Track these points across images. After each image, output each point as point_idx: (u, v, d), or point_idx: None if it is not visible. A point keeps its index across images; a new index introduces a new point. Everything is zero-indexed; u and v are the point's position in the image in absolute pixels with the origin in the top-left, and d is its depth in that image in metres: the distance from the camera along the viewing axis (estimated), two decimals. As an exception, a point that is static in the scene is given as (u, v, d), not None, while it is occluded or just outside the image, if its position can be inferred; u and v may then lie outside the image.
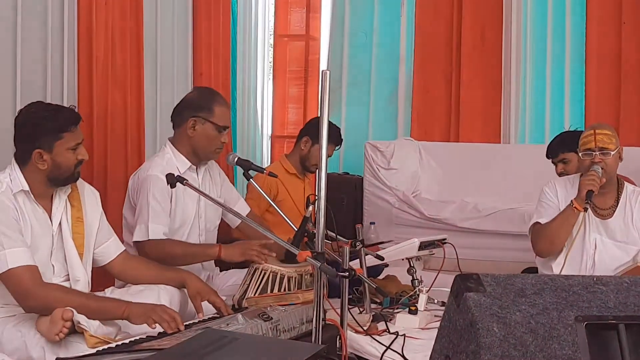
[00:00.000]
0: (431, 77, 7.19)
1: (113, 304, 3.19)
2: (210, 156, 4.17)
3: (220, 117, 4.07)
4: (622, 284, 2.13)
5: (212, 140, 4.07)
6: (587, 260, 4.02)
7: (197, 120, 4.05)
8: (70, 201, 3.35)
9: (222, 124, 4.08)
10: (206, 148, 4.08)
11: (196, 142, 4.07)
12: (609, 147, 3.94)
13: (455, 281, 2.10)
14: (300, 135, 5.24)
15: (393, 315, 3.70)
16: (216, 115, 4.06)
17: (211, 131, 4.05)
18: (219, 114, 4.07)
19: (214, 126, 4.05)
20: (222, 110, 4.10)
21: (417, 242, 3.98)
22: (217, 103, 4.10)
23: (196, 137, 4.06)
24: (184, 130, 4.07)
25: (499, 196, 6.23)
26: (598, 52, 6.64)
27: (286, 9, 7.67)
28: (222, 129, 4.07)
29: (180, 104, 4.18)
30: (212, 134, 4.06)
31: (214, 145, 4.08)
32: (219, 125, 4.06)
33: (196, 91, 4.28)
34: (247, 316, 2.99)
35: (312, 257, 2.80)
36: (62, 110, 3.29)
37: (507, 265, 5.40)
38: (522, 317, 2.01)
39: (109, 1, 4.96)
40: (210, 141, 4.07)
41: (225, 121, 4.11)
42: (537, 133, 6.82)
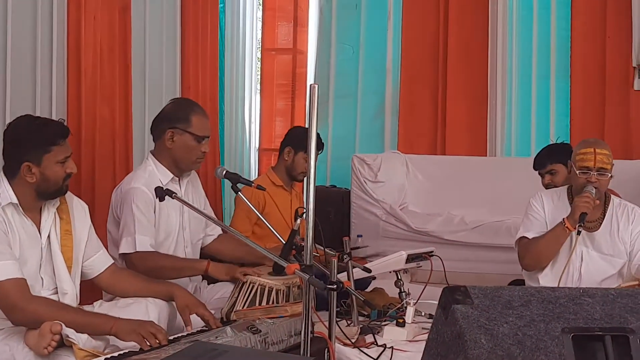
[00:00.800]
0: (418, 90, 7.23)
1: (101, 319, 3.18)
2: (192, 166, 4.15)
3: (198, 127, 4.05)
4: (608, 295, 2.16)
5: (192, 150, 4.05)
6: (574, 272, 4.03)
7: (174, 131, 4.03)
8: (59, 214, 3.35)
9: (201, 133, 4.05)
10: (186, 159, 4.07)
11: (176, 154, 4.05)
12: (607, 168, 3.92)
13: (443, 293, 2.11)
14: (282, 146, 5.25)
15: (381, 327, 3.71)
16: (194, 125, 4.04)
17: (190, 142, 4.03)
18: (196, 123, 4.04)
19: (192, 136, 4.03)
20: (199, 119, 4.07)
21: (405, 254, 3.99)
22: (194, 113, 4.08)
23: (175, 148, 4.04)
24: (163, 142, 4.06)
25: (485, 209, 6.26)
26: (583, 66, 6.70)
27: (273, 23, 7.70)
28: (201, 139, 4.05)
29: (158, 116, 4.16)
30: (191, 144, 4.04)
31: (194, 155, 4.06)
32: (198, 135, 4.03)
33: (173, 103, 4.24)
34: (235, 329, 3.00)
35: (301, 270, 2.80)
36: (50, 123, 3.30)
37: (494, 277, 5.41)
38: (510, 329, 2.03)
39: (98, 15, 4.97)
40: (190, 151, 4.05)
41: (204, 131, 4.08)
42: (522, 146, 6.87)
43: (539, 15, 6.82)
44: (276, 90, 7.73)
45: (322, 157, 7.34)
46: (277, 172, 5.20)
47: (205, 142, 4.07)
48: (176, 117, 4.05)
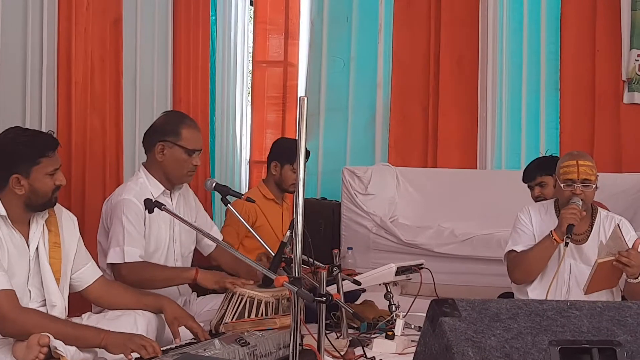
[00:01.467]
0: (408, 103, 7.25)
1: (91, 332, 3.17)
2: (183, 179, 4.14)
3: (189, 140, 4.03)
4: (595, 308, 2.16)
5: (182, 163, 4.03)
6: (562, 285, 4.05)
7: (165, 144, 4.02)
8: (48, 226, 3.34)
9: (191, 147, 4.03)
10: (177, 172, 4.06)
11: (166, 167, 4.04)
12: (591, 179, 3.95)
13: (431, 306, 2.12)
14: (269, 160, 5.26)
15: (370, 340, 3.72)
16: (184, 138, 4.02)
17: (180, 155, 4.02)
18: (186, 137, 4.03)
19: (182, 150, 4.02)
20: (190, 133, 4.05)
21: (394, 267, 4.00)
22: (185, 126, 4.06)
23: (165, 161, 4.04)
24: (153, 155, 4.06)
25: (475, 222, 6.27)
26: (572, 80, 6.74)
27: (264, 36, 7.71)
28: (192, 152, 4.03)
29: (149, 129, 4.15)
30: (181, 157, 4.02)
31: (185, 168, 4.05)
32: (188, 149, 4.02)
33: (164, 115, 4.23)
34: (224, 341, 2.99)
35: (289, 282, 2.81)
36: (40, 135, 3.29)
37: (484, 290, 5.41)
38: (497, 341, 2.04)
39: (89, 27, 4.97)
40: (180, 165, 4.04)
41: (195, 144, 4.06)
42: (513, 159, 6.89)
43: (529, 29, 6.86)
44: (267, 103, 7.73)
45: (313, 170, 7.36)
46: (268, 185, 5.20)
47: (196, 155, 4.06)
48: (166, 130, 4.05)
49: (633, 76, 6.54)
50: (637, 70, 6.54)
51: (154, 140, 4.06)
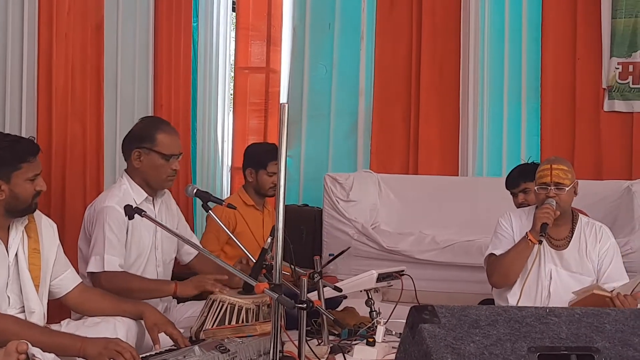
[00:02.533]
0: (390, 110, 7.25)
1: (69, 339, 3.15)
2: (163, 185, 4.12)
3: (165, 146, 4.03)
4: (574, 315, 2.17)
5: (160, 169, 4.03)
6: (543, 291, 4.07)
7: (141, 151, 4.02)
8: (27, 232, 3.32)
9: (168, 152, 4.03)
10: (156, 177, 4.05)
11: (144, 173, 4.04)
12: (564, 183, 4.00)
13: (411, 313, 2.12)
14: (244, 168, 5.26)
15: (351, 347, 3.71)
16: (160, 143, 4.02)
17: (157, 160, 4.02)
18: (162, 142, 4.03)
19: (159, 155, 4.01)
20: (166, 137, 4.05)
21: (375, 273, 4.00)
22: (161, 131, 4.06)
23: (143, 167, 4.04)
24: (131, 162, 4.06)
25: (456, 228, 6.27)
26: (553, 88, 6.76)
27: (247, 42, 7.70)
28: (169, 157, 4.03)
29: (126, 136, 4.15)
30: (158, 163, 4.02)
31: (163, 173, 4.04)
32: (164, 154, 4.02)
33: (140, 122, 4.22)
34: (204, 348, 2.99)
35: (270, 289, 2.80)
36: (21, 141, 3.28)
37: (465, 296, 5.42)
38: (476, 348, 2.04)
39: (70, 33, 4.96)
40: (158, 170, 4.03)
41: (171, 149, 4.05)
42: (494, 166, 6.91)
43: (510, 37, 6.88)
44: (249, 109, 7.72)
45: (295, 176, 7.36)
46: (248, 192, 5.20)
47: (174, 160, 4.05)
48: (142, 136, 4.05)
49: (613, 84, 6.58)
50: (618, 78, 6.58)
51: (131, 147, 4.06)
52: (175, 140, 4.11)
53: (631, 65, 6.53)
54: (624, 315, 2.18)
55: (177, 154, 4.08)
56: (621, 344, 2.10)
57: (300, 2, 7.53)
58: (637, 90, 6.50)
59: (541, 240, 3.94)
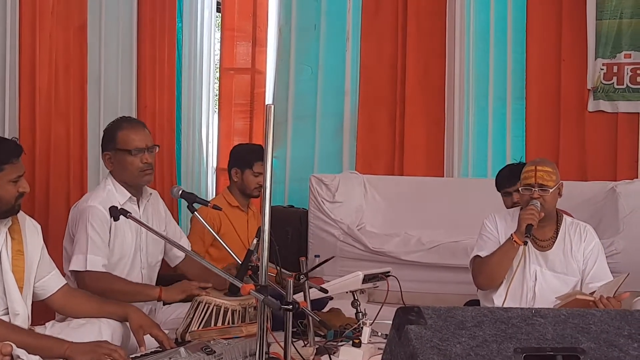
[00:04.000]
0: (376, 111, 7.26)
1: (54, 342, 3.13)
2: (138, 181, 4.07)
3: (126, 142, 4.00)
4: (559, 316, 2.18)
5: (129, 165, 4.00)
6: (528, 292, 4.08)
7: (110, 153, 4.04)
8: (11, 234, 3.30)
9: (130, 147, 4.00)
10: (129, 175, 4.03)
11: (119, 174, 4.04)
12: (548, 184, 4.01)
13: (397, 314, 2.12)
14: (229, 168, 5.26)
15: (337, 348, 3.70)
16: (120, 141, 4.00)
17: (124, 158, 4.00)
18: (122, 139, 4.00)
19: (123, 152, 4.00)
20: (126, 134, 4.02)
21: (361, 275, 3.99)
22: (120, 129, 4.04)
23: (115, 169, 4.04)
24: (107, 165, 4.09)
25: (442, 229, 6.29)
26: (538, 89, 6.79)
27: (232, 42, 7.69)
28: (135, 152, 4.00)
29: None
30: (126, 160, 4.00)
31: (134, 169, 4.01)
32: (128, 149, 4.00)
33: (107, 126, 4.22)
34: (189, 349, 2.98)
35: (256, 290, 2.80)
36: (3, 142, 3.26)
37: (451, 297, 5.43)
38: (462, 349, 2.04)
39: (53, 33, 4.93)
40: (127, 167, 4.01)
41: (135, 143, 4.00)
42: (479, 167, 6.93)
43: (495, 38, 6.91)
44: (234, 110, 7.70)
45: (280, 177, 7.35)
46: (232, 193, 5.20)
47: (140, 154, 4.01)
48: (107, 139, 4.08)
49: (598, 85, 6.61)
50: (602, 79, 6.61)
51: (102, 153, 4.09)
52: (139, 134, 4.05)
53: (616, 66, 6.57)
54: (609, 316, 2.18)
55: (143, 147, 4.03)
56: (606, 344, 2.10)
57: (286, 3, 7.53)
58: (621, 91, 6.54)
59: (526, 242, 3.95)
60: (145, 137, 4.09)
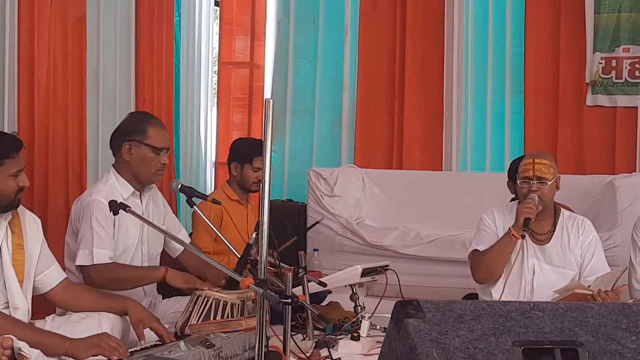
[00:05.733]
0: (374, 105, 7.27)
1: (56, 339, 3.13)
2: (152, 179, 4.11)
3: (156, 139, 4.01)
4: (557, 309, 2.18)
5: (150, 162, 4.01)
6: (526, 285, 4.09)
7: (132, 144, 4.00)
8: (11, 228, 3.30)
9: (159, 145, 4.01)
10: (145, 171, 4.03)
11: (134, 167, 4.02)
12: (547, 177, 4.01)
13: (396, 308, 2.12)
14: (229, 162, 5.26)
15: (336, 341, 3.71)
16: (150, 137, 4.00)
17: (148, 154, 4.00)
18: (153, 135, 4.01)
19: (150, 148, 4.00)
20: (156, 131, 4.03)
21: (360, 268, 4.00)
22: (151, 125, 4.04)
23: (133, 161, 4.02)
24: (121, 155, 4.04)
25: (440, 223, 6.30)
26: (536, 83, 6.80)
27: (230, 37, 7.69)
28: (159, 151, 4.01)
29: (115, 130, 4.13)
30: (149, 156, 4.00)
31: (152, 167, 4.02)
32: (155, 147, 4.00)
33: (130, 116, 4.22)
34: (189, 343, 2.98)
35: (255, 284, 2.80)
36: (3, 136, 3.26)
37: (449, 291, 5.44)
38: (461, 342, 2.05)
39: (52, 27, 4.94)
40: (148, 164, 4.01)
41: (162, 143, 4.04)
42: (478, 161, 6.94)
43: (493, 32, 6.91)
44: (233, 104, 7.71)
45: (279, 171, 7.36)
46: (231, 186, 5.20)
47: (163, 154, 4.04)
48: (133, 129, 4.03)
49: (597, 79, 6.62)
50: (601, 73, 6.62)
51: (121, 141, 4.04)
52: (165, 134, 4.11)
53: (614, 60, 6.57)
54: (607, 309, 2.19)
55: (167, 148, 4.08)
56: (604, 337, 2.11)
57: (284, -3, 7.53)
58: (620, 85, 6.55)
59: (524, 235, 3.95)
60: (168, 139, 4.15)
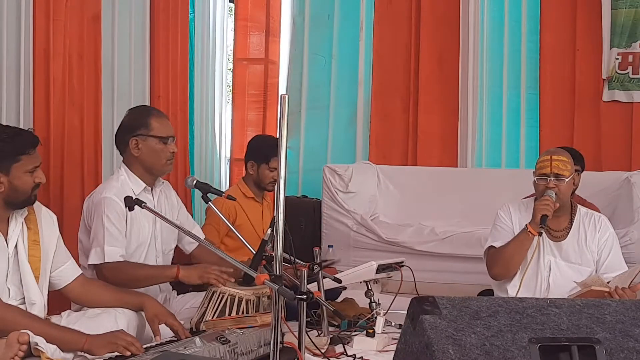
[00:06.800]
0: (389, 101, 7.25)
1: (73, 335, 3.15)
2: (164, 169, 4.14)
3: (160, 129, 4.06)
4: (574, 306, 2.17)
5: (160, 153, 4.05)
6: (542, 282, 4.08)
7: (138, 139, 4.04)
8: (27, 224, 3.32)
9: (164, 134, 4.06)
10: (156, 163, 4.07)
11: (145, 160, 4.05)
12: (564, 174, 4.00)
13: (412, 304, 2.12)
14: (246, 159, 5.27)
15: (351, 338, 3.71)
16: (154, 128, 4.05)
17: (155, 145, 4.04)
18: (157, 126, 4.05)
19: (156, 139, 4.04)
20: (159, 121, 4.08)
21: (375, 265, 4.00)
22: (152, 116, 4.09)
23: (142, 155, 4.04)
24: (129, 152, 4.06)
25: (456, 219, 6.28)
26: (552, 78, 6.76)
27: (245, 33, 7.68)
28: (166, 140, 4.06)
29: (119, 129, 4.18)
30: (157, 147, 4.04)
31: (163, 157, 4.06)
32: (162, 137, 4.04)
33: (130, 112, 4.24)
34: (204, 339, 2.98)
35: (270, 280, 2.80)
36: (21, 133, 3.28)
37: (464, 287, 5.43)
38: (477, 339, 2.04)
39: (68, 24, 4.95)
40: (158, 155, 4.05)
41: (167, 131, 4.09)
42: (493, 157, 6.91)
43: (509, 27, 6.87)
44: (248, 101, 7.70)
45: (294, 168, 7.35)
46: (247, 184, 5.21)
47: (170, 143, 4.08)
48: (136, 124, 4.07)
49: (613, 74, 6.58)
50: (617, 69, 6.57)
51: (126, 138, 4.08)
52: (168, 123, 4.17)
53: (631, 56, 6.53)
54: (624, 306, 2.18)
55: (173, 136, 4.12)
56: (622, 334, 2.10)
57: (299, -7, 7.52)
58: (637, 81, 6.50)
59: (541, 232, 3.94)
60: (171, 126, 4.20)
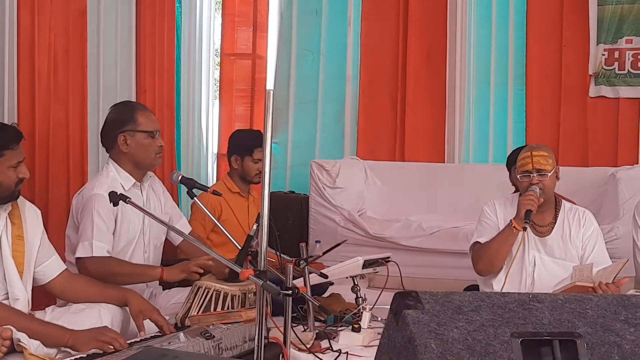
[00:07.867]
0: (377, 97, 7.25)
1: (57, 331, 3.14)
2: (153, 162, 4.15)
3: (147, 123, 4.07)
4: (556, 301, 2.17)
5: (148, 147, 4.06)
6: (527, 277, 4.09)
7: (126, 134, 4.04)
8: (11, 219, 3.30)
9: (151, 128, 4.07)
10: (145, 157, 4.08)
11: (134, 155, 4.06)
12: (546, 169, 4.01)
13: (395, 299, 2.12)
14: (229, 155, 5.26)
15: (336, 333, 3.71)
16: (141, 123, 4.06)
17: (144, 140, 4.05)
18: (143, 121, 4.07)
19: (144, 134, 4.05)
20: (145, 116, 4.10)
21: (361, 260, 4.00)
22: (138, 111, 4.11)
23: (131, 150, 4.05)
24: (118, 148, 4.06)
25: (442, 215, 6.30)
26: (539, 74, 6.78)
27: (233, 28, 7.67)
28: (153, 134, 4.08)
29: (104, 127, 4.18)
30: (145, 142, 4.05)
31: (152, 151, 4.08)
32: (149, 131, 4.06)
33: (114, 108, 4.25)
34: (189, 334, 2.98)
35: (255, 276, 2.80)
36: (3, 127, 3.26)
37: (450, 283, 5.45)
38: (459, 333, 2.04)
39: (53, 19, 4.93)
40: (147, 149, 4.06)
41: (153, 125, 4.10)
42: (480, 153, 6.93)
43: (496, 23, 6.89)
44: (235, 96, 7.69)
45: (282, 163, 7.35)
46: (232, 179, 5.20)
47: (158, 136, 4.11)
48: (122, 120, 4.07)
49: (600, 70, 6.60)
50: (604, 65, 6.60)
51: (114, 134, 4.07)
52: (153, 117, 4.20)
53: (617, 52, 6.56)
54: (606, 301, 2.18)
55: (159, 130, 4.15)
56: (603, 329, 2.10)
57: (287, -12, 7.51)
58: (623, 76, 6.53)
59: (525, 227, 3.95)
60: (156, 120, 4.22)
